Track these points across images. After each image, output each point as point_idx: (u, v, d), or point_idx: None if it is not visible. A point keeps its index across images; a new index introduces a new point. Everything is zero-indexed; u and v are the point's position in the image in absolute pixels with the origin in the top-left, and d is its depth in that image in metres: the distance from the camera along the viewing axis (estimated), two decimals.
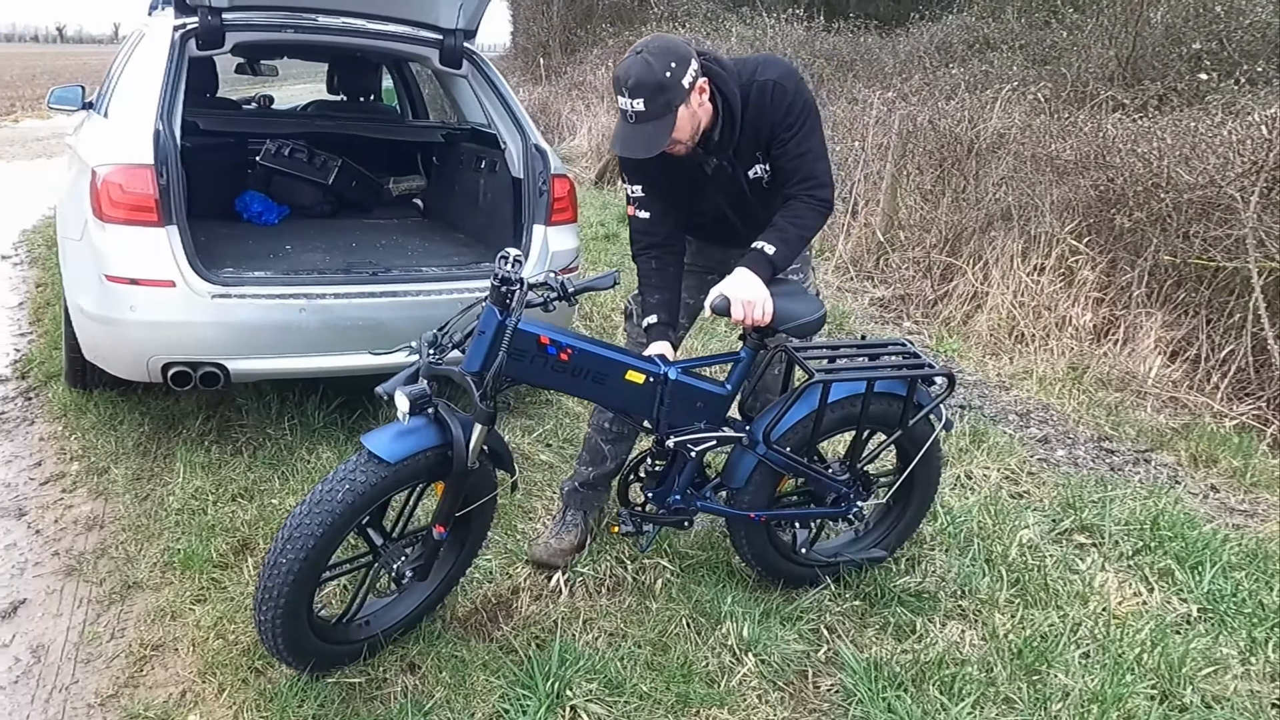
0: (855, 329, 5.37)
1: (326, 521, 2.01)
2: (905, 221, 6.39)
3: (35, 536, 2.86)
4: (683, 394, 2.36)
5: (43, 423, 3.62)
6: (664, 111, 2.11)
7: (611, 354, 2.29)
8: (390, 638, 2.33)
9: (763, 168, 2.38)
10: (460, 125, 4.54)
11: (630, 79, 2.09)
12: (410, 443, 2.08)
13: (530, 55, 17.77)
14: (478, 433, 2.12)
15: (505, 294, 2.07)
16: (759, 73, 2.28)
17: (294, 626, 2.07)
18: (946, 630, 2.50)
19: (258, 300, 3.05)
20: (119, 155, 2.98)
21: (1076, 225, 5.10)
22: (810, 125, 2.32)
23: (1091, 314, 4.87)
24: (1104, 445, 3.89)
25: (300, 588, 2.03)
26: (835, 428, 2.53)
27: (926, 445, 2.57)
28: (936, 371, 2.48)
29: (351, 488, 2.03)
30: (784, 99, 2.28)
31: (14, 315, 4.99)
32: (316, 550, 2.01)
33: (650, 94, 2.08)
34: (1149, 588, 2.75)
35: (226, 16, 3.41)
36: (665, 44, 2.15)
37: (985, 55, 10.48)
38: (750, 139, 2.31)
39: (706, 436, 2.41)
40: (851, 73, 11.05)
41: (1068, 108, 6.75)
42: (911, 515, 2.76)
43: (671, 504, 2.51)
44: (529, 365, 2.17)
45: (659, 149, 2.15)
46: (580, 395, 2.36)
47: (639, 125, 2.13)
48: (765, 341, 2.43)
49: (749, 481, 2.47)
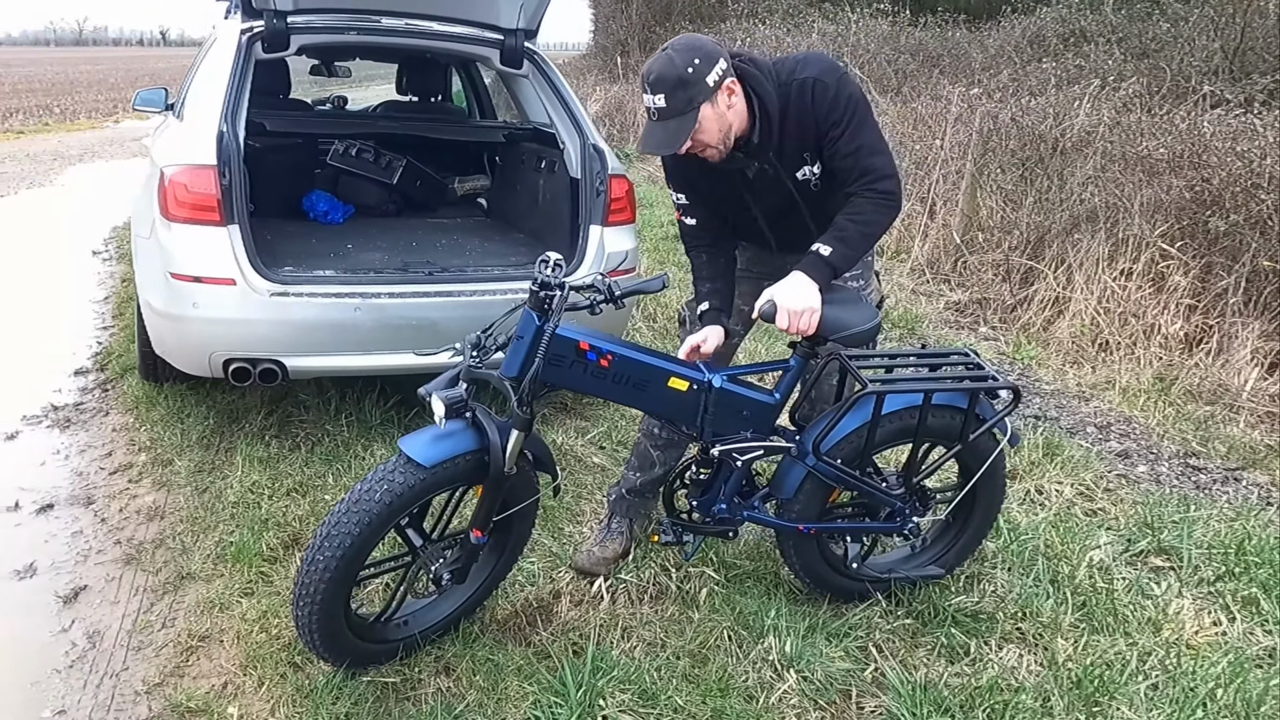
0: (929, 334, 5.20)
1: (363, 522, 2.02)
2: (985, 223, 6.16)
3: (100, 525, 2.96)
4: (728, 402, 2.29)
5: (116, 414, 3.75)
6: (685, 108, 2.04)
7: (653, 360, 2.23)
8: (427, 639, 2.33)
9: (811, 170, 2.28)
10: (522, 125, 4.55)
11: (652, 74, 2.05)
12: (446, 447, 2.08)
13: (609, 54, 17.82)
14: (514, 438, 2.10)
15: (544, 299, 2.05)
16: (798, 71, 2.18)
17: (330, 623, 2.09)
18: (1003, 654, 2.37)
19: (314, 299, 3.10)
20: (184, 156, 3.06)
21: (1168, 228, 4.83)
22: (859, 120, 2.20)
23: (1183, 322, 4.60)
24: (1190, 462, 3.66)
25: (337, 585, 2.04)
26: (890, 440, 2.43)
27: (989, 461, 2.44)
28: (1000, 385, 2.35)
29: (389, 489, 2.04)
30: (825, 95, 2.18)
31: (99, 309, 5.21)
32: (353, 550, 2.02)
33: (671, 89, 2.03)
34: (1230, 617, 2.56)
35: (291, 20, 3.48)
36: (691, 41, 2.10)
37: (1080, 49, 10.06)
38: (795, 140, 2.21)
39: (753, 446, 2.34)
40: (937, 69, 10.75)
41: (1164, 103, 6.40)
42: (972, 533, 2.62)
43: (717, 513, 2.45)
44: (568, 371, 2.13)
45: (678, 147, 2.08)
46: (622, 402, 2.31)
47: (660, 122, 2.07)
48: (816, 350, 2.34)
49: (798, 493, 2.39)
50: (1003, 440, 2.43)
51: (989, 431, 2.41)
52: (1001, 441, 2.43)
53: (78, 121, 17.05)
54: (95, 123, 16.89)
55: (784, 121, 2.19)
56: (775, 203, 2.36)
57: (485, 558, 2.39)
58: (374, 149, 4.70)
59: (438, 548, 2.27)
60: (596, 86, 15.32)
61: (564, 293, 2.04)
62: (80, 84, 26.56)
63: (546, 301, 2.05)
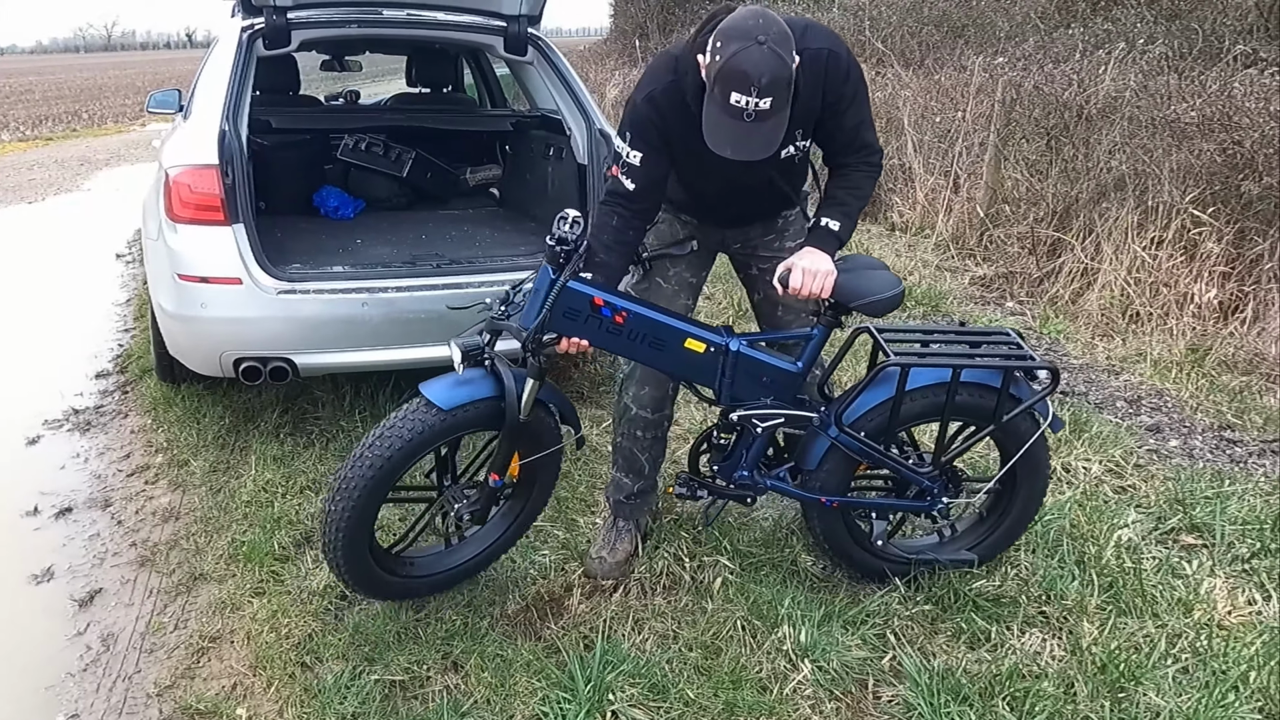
0: (953, 310, 5.09)
1: (382, 459, 2.13)
2: (1010, 195, 6.01)
3: (117, 527, 2.97)
4: (747, 367, 2.29)
5: (135, 415, 3.78)
6: (784, 107, 1.92)
7: (669, 320, 2.23)
8: (436, 586, 2.45)
9: (799, 145, 2.21)
10: (530, 113, 4.50)
11: (764, 76, 1.84)
12: (464, 393, 2.19)
13: (628, 38, 17.70)
14: (529, 387, 2.20)
15: (559, 254, 2.10)
16: (807, 39, 2.08)
17: (354, 551, 2.22)
18: (1025, 640, 2.30)
19: (321, 295, 3.08)
20: (187, 156, 3.05)
21: (1199, 194, 4.66)
22: (864, 93, 2.17)
23: (1217, 290, 4.45)
24: (1225, 435, 3.54)
25: (356, 522, 2.17)
26: (919, 416, 2.36)
27: (1027, 445, 2.34)
28: (1036, 365, 2.26)
29: (409, 429, 2.15)
30: (839, 68, 2.11)
31: (121, 311, 5.26)
32: (372, 484, 2.14)
33: (780, 90, 1.87)
34: (1265, 596, 2.47)
35: (292, 15, 3.45)
36: (780, 29, 1.90)
37: (1110, 13, 9.78)
38: (797, 113, 2.09)
39: (773, 413, 2.32)
40: (962, 39, 10.52)
41: (1195, 65, 6.20)
42: (1012, 522, 2.52)
43: (738, 479, 2.43)
44: (584, 326, 2.16)
45: (775, 148, 1.97)
46: (639, 359, 2.32)
47: (757, 124, 1.90)
48: (840, 319, 2.30)
49: (821, 464, 2.35)
50: (1044, 424, 2.34)
51: (1028, 414, 2.32)
52: (1042, 426, 2.35)
53: (105, 126, 17.28)
54: (122, 127, 17.10)
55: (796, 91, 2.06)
56: (749, 178, 2.25)
57: (508, 510, 2.51)
58: (384, 142, 4.68)
59: (460, 489, 2.39)
60: (615, 71, 15.21)
61: (579, 247, 2.09)
62: (108, 89, 26.93)
63: (562, 256, 2.10)
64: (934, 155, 6.77)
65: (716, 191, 2.34)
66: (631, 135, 2.17)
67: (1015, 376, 2.28)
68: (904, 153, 6.94)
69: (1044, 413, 2.34)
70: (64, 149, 13.58)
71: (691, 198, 2.42)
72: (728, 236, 2.49)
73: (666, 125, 2.14)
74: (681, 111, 2.10)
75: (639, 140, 2.16)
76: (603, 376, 4.04)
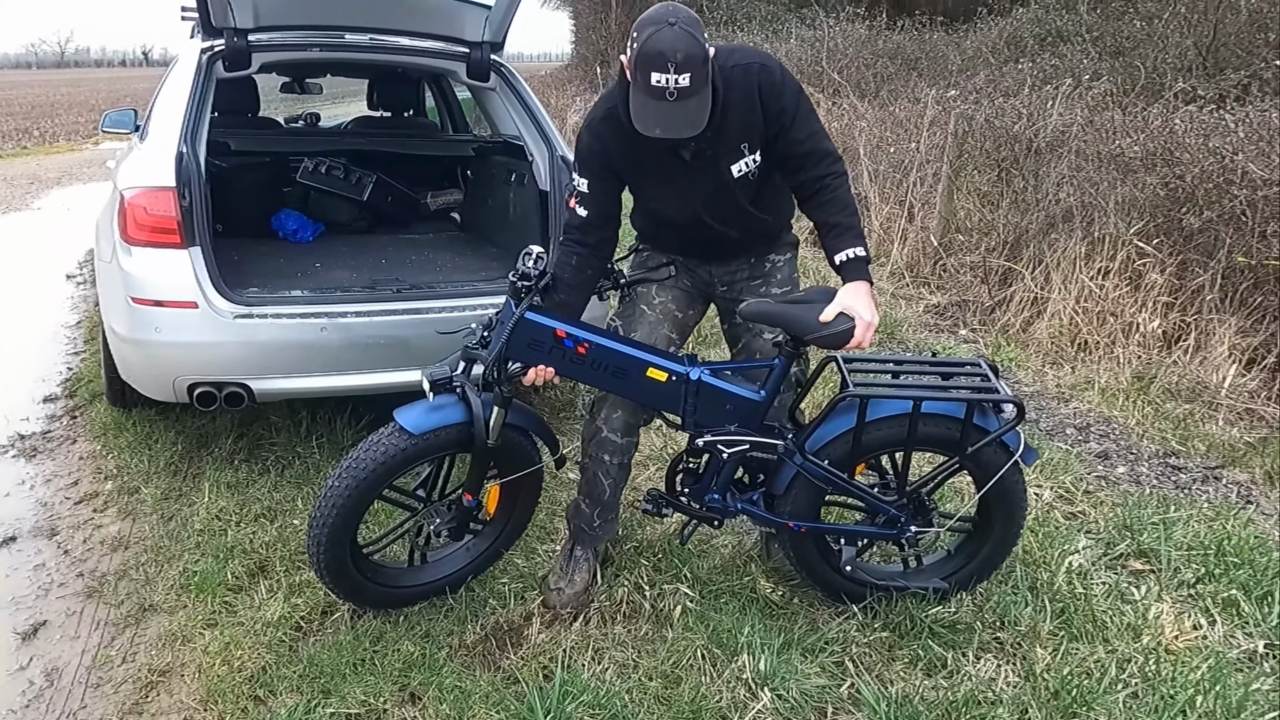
0: (908, 338, 5.18)
1: (354, 481, 2.26)
2: (962, 225, 6.15)
3: (64, 557, 2.90)
4: (710, 396, 2.35)
5: (84, 441, 3.69)
6: (704, 85, 2.01)
7: (631, 350, 2.31)
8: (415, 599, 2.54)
9: (751, 161, 2.24)
10: (492, 138, 4.51)
11: (679, 52, 1.95)
12: (434, 418, 2.29)
13: (589, 64, 17.84)
14: (496, 413, 2.30)
15: (521, 288, 2.23)
16: (736, 57, 2.19)
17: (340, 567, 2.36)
18: (980, 665, 2.34)
19: (279, 320, 3.05)
20: (143, 178, 3.01)
21: (1144, 226, 4.81)
22: (807, 106, 2.23)
23: (1160, 320, 4.58)
24: (1170, 461, 3.64)
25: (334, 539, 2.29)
26: (882, 446, 2.40)
27: (995, 477, 2.37)
28: (999, 398, 2.31)
29: (380, 453, 2.27)
30: (772, 80, 2.18)
31: (71, 334, 5.15)
32: (346, 507, 2.28)
33: (697, 67, 1.97)
34: (1210, 620, 2.53)
35: (253, 37, 3.43)
36: (690, 14, 2.02)
37: (1057, 49, 10.10)
38: (736, 127, 2.17)
39: (738, 440, 2.35)
40: (915, 72, 10.78)
41: (1138, 101, 6.41)
42: (988, 554, 2.56)
43: (709, 502, 2.47)
44: (548, 356, 2.28)
45: (702, 126, 2.05)
46: (604, 388, 2.41)
47: (680, 102, 1.99)
48: (800, 350, 2.35)
49: (789, 490, 2.40)
50: (1015, 455, 2.39)
51: (999, 447, 2.36)
52: (1014, 456, 2.38)
53: (56, 144, 16.94)
54: (74, 145, 16.78)
55: (725, 110, 2.15)
56: (709, 198, 2.29)
57: (486, 531, 2.62)
58: (344, 165, 4.65)
59: (439, 506, 2.51)
60: (576, 97, 15.31)
61: (539, 283, 2.22)
62: (60, 106, 26.43)
63: (523, 290, 2.22)
64: (889, 185, 6.90)
65: (685, 220, 2.36)
66: (578, 164, 2.32)
67: (982, 408, 2.33)
68: (860, 182, 7.06)
69: (1015, 445, 2.38)
70: (13, 167, 13.29)
71: (664, 230, 2.46)
72: (713, 275, 2.50)
73: (608, 151, 2.25)
74: (621, 134, 2.18)
75: (583, 168, 2.31)
76: (563, 403, 4.04)
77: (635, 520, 2.98)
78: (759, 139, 2.22)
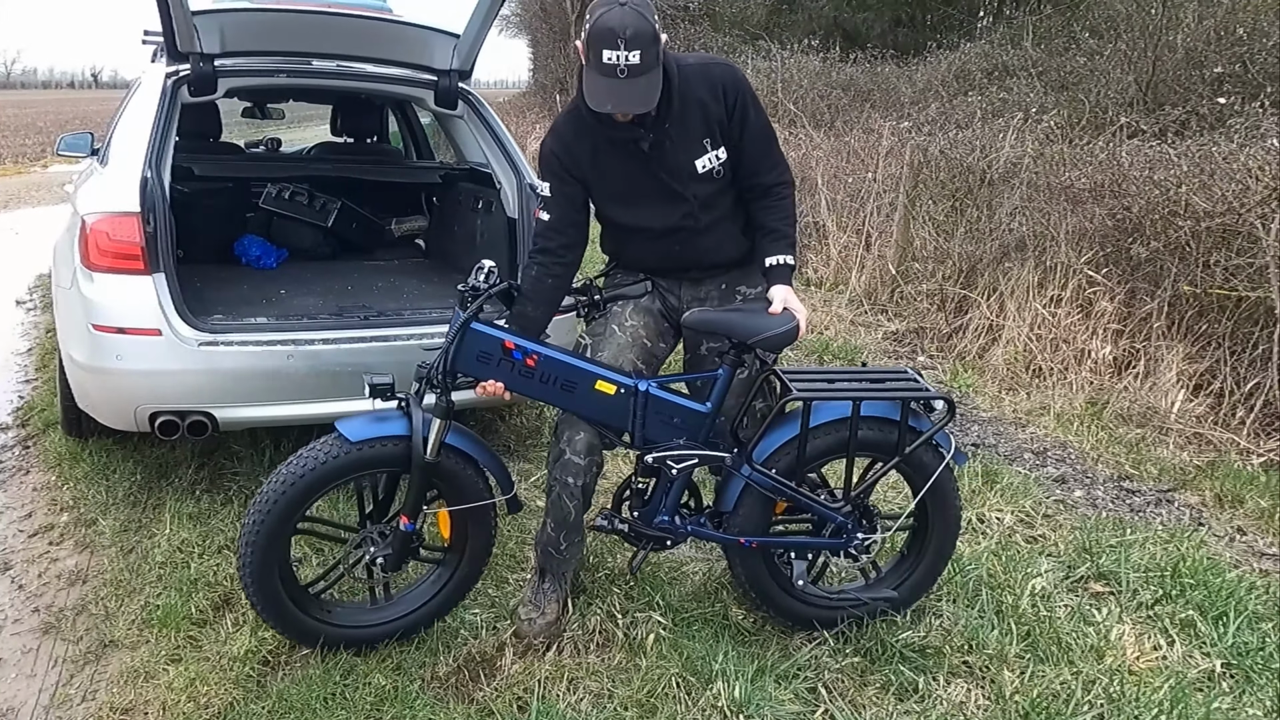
0: (868, 364, 5.26)
1: (289, 486, 2.23)
2: (919, 253, 6.28)
3: (18, 592, 2.81)
4: (658, 409, 2.37)
5: (38, 472, 3.59)
6: (654, 64, 2.07)
7: (579, 363, 2.33)
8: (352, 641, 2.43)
9: (715, 157, 2.30)
10: (459, 165, 4.52)
11: (628, 29, 2.01)
12: (374, 429, 2.28)
13: (548, 91, 17.93)
14: (437, 426, 2.25)
15: (469, 299, 2.25)
16: (698, 57, 2.32)
17: (267, 579, 2.28)
18: (951, 690, 2.37)
19: (245, 347, 3.01)
20: (107, 203, 2.96)
21: (1093, 255, 4.97)
22: (762, 112, 2.32)
23: (1111, 346, 4.72)
24: (1124, 485, 3.74)
25: (266, 544, 2.24)
26: (827, 453, 2.45)
27: (933, 478, 2.45)
28: (932, 395, 2.41)
29: (318, 457, 2.25)
30: (731, 73, 2.29)
31: (22, 361, 5.02)
32: (280, 509, 2.24)
33: (647, 45, 2.03)
34: (1169, 640, 2.60)
35: (219, 62, 3.41)
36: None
37: (1004, 83, 10.41)
38: (697, 120, 2.25)
39: (687, 454, 2.37)
40: (868, 103, 11.02)
41: (1084, 134, 6.63)
42: (930, 561, 2.62)
43: (658, 525, 2.47)
44: (497, 369, 2.28)
45: (653, 104, 2.11)
46: (552, 403, 2.42)
47: (631, 80, 2.05)
48: (743, 358, 2.39)
49: (738, 505, 2.43)
50: (947, 456, 2.45)
51: (932, 449, 2.44)
52: (946, 458, 2.45)
53: (3, 167, 16.52)
54: (21, 168, 16.37)
55: (684, 100, 2.23)
56: (673, 196, 2.34)
57: (439, 574, 2.53)
58: (308, 191, 4.62)
59: (375, 531, 2.43)
60: (536, 124, 15.38)
61: (482, 297, 2.23)
62: (7, 128, 25.80)
63: (469, 299, 2.24)
64: (846, 214, 7.03)
65: (652, 225, 2.39)
66: (541, 170, 2.41)
67: (914, 410, 2.40)
68: (818, 211, 7.19)
69: (947, 446, 2.46)
70: None
71: (632, 243, 2.49)
72: (682, 300, 2.53)
73: (570, 152, 2.32)
74: (583, 130, 2.28)
75: (545, 170, 2.38)
76: (529, 430, 4.03)
77: (606, 548, 2.98)
78: (720, 133, 2.29)
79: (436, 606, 2.52)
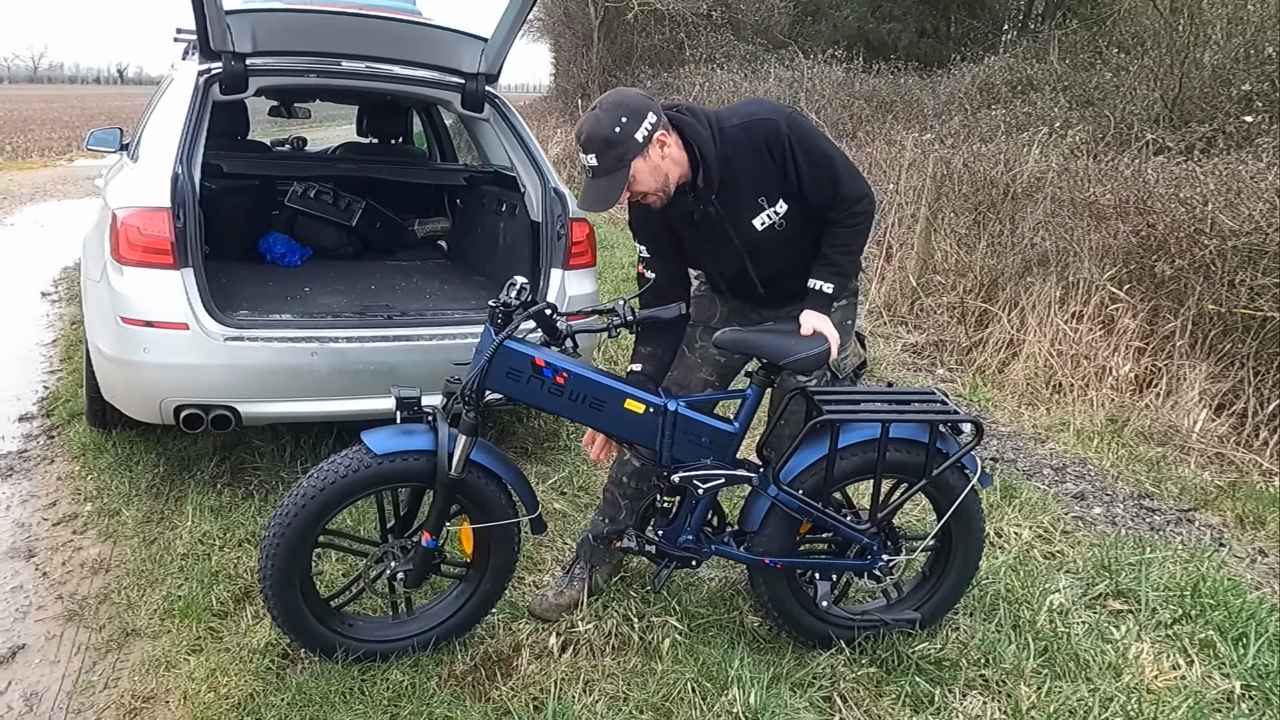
0: (886, 375, 5.25)
1: (311, 497, 2.21)
2: (940, 266, 6.26)
3: (42, 579, 2.85)
4: (686, 428, 2.37)
5: (62, 461, 3.64)
6: (616, 166, 2.13)
7: (609, 382, 2.33)
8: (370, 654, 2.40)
9: (774, 213, 2.32)
10: (483, 168, 4.55)
11: (583, 134, 2.13)
12: (400, 442, 2.26)
13: (570, 97, 17.98)
14: (462, 443, 2.24)
15: (499, 315, 2.24)
16: (740, 115, 2.29)
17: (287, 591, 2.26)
18: (966, 703, 2.37)
19: (269, 343, 3.04)
20: (138, 198, 3.01)
21: (1116, 272, 4.94)
22: (816, 151, 2.29)
23: (1133, 364, 4.69)
24: (1144, 503, 3.72)
25: (288, 554, 2.22)
26: (854, 474, 2.45)
27: (959, 500, 2.44)
28: (960, 418, 2.40)
29: (343, 469, 2.23)
30: (775, 131, 2.25)
31: (47, 352, 5.07)
32: (302, 521, 2.21)
33: (600, 148, 2.12)
34: (1188, 660, 2.58)
35: (250, 61, 3.45)
36: (619, 98, 2.16)
37: (1028, 96, 10.36)
38: (749, 182, 2.27)
39: (713, 474, 2.37)
40: (891, 114, 11.00)
41: (1109, 150, 6.60)
42: (953, 582, 2.61)
43: (683, 544, 2.47)
44: (526, 386, 2.27)
45: (612, 203, 2.18)
46: (581, 421, 2.39)
47: (595, 180, 2.17)
48: (772, 379, 2.40)
49: (764, 525, 2.42)
50: (973, 479, 2.45)
51: (958, 471, 2.43)
52: (972, 480, 2.45)
53: (30, 160, 16.73)
54: (48, 161, 16.58)
55: (728, 166, 2.25)
56: (738, 249, 2.39)
57: (461, 590, 2.49)
58: (333, 191, 4.66)
59: (398, 546, 2.41)
60: (557, 129, 15.43)
61: (521, 314, 2.21)
62: (34, 121, 26.12)
63: (500, 317, 2.23)
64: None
65: (727, 270, 2.47)
66: (634, 234, 2.49)
67: (941, 432, 2.39)
68: None
69: (973, 468, 2.46)
70: None
71: (712, 279, 2.58)
72: (764, 318, 2.59)
73: (645, 226, 2.42)
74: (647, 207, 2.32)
75: (639, 234, 2.47)
76: (546, 433, 4.05)
77: None
78: (778, 190, 2.29)
79: (457, 623, 2.48)
